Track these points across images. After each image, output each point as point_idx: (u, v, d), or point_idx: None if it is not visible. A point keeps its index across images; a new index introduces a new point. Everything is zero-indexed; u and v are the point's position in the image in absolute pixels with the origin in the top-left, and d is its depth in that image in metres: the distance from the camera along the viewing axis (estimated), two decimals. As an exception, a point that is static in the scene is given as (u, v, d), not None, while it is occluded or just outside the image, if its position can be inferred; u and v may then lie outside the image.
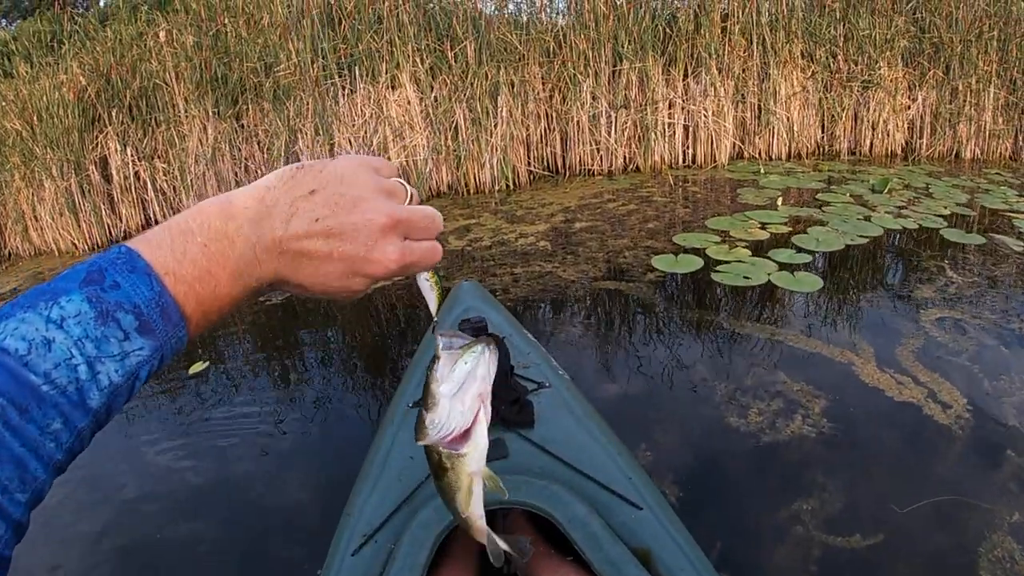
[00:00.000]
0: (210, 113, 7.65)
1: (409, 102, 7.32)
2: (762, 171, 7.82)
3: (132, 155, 7.78)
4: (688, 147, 8.32)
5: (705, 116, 8.09)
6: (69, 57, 8.35)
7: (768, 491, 2.62)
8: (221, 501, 2.87)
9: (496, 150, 7.55)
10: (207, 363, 3.90)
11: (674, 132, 8.16)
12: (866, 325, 3.89)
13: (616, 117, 7.93)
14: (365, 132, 7.16)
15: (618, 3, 7.82)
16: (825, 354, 3.54)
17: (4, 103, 8.01)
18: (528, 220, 6.34)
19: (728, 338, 3.81)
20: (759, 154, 8.51)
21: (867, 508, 2.50)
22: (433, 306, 0.78)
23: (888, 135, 8.75)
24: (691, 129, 8.23)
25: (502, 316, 2.50)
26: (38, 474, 0.52)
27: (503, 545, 1.01)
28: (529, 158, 7.99)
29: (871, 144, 8.78)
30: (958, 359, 3.47)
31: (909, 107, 8.70)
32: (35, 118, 7.71)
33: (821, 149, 8.78)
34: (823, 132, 8.76)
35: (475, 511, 0.90)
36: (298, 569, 2.39)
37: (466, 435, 0.78)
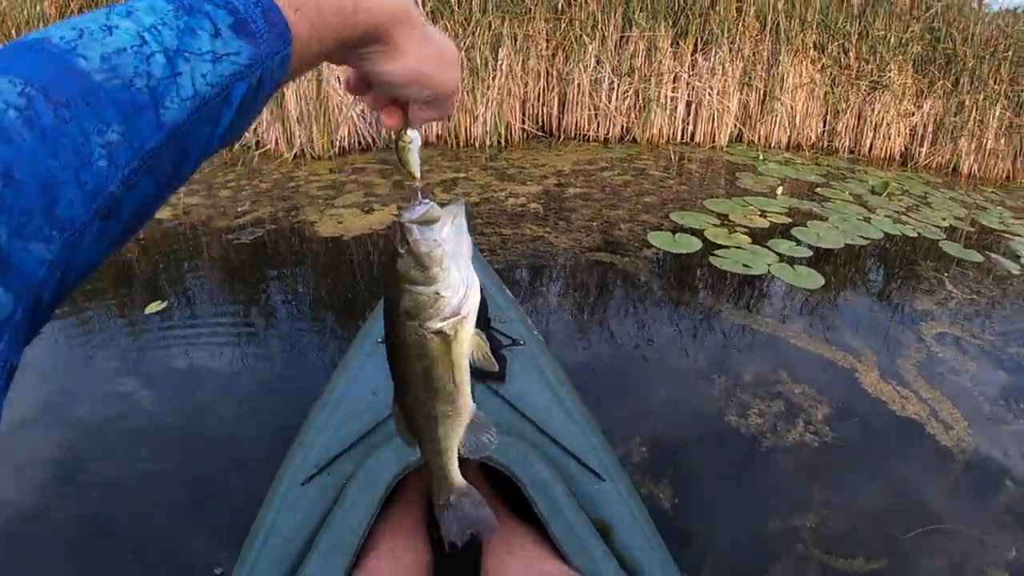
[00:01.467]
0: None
1: (405, 44, 6.97)
2: (761, 157, 7.67)
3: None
4: (689, 124, 8.12)
5: (710, 94, 7.87)
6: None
7: (768, 502, 2.44)
8: (175, 430, 2.69)
9: (492, 104, 7.23)
10: (166, 303, 3.61)
11: (676, 107, 7.94)
12: (868, 331, 3.73)
13: (619, 84, 7.67)
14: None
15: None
16: (828, 357, 3.37)
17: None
18: (519, 180, 6.08)
19: (727, 327, 3.62)
20: (759, 140, 8.35)
21: (869, 529, 2.36)
22: (417, 168, 0.75)
23: (889, 139, 8.64)
24: (694, 106, 8.02)
25: (482, 268, 2.41)
26: (75, 212, 0.38)
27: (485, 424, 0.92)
28: (524, 116, 7.68)
29: (871, 145, 8.67)
30: (959, 379, 3.37)
31: (913, 113, 8.59)
32: (14, 32, 7.20)
33: (820, 143, 8.66)
34: (825, 126, 8.62)
35: (468, 384, 0.85)
36: (245, 495, 2.19)
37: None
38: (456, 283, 0.74)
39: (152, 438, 2.62)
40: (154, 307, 3.56)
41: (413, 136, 0.73)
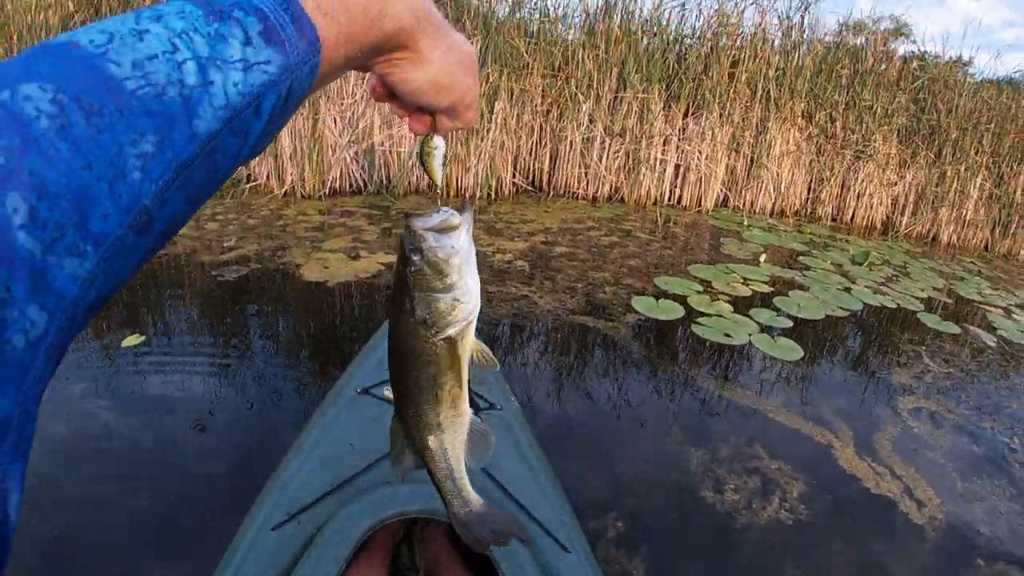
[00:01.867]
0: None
1: (403, 90, 7.05)
2: (745, 223, 7.77)
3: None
4: (676, 187, 8.23)
5: (698, 158, 8.00)
6: (64, -22, 7.97)
7: (741, 579, 2.44)
8: (144, 463, 2.70)
9: (484, 156, 7.32)
10: (144, 337, 3.62)
11: (665, 169, 8.05)
12: (844, 405, 3.77)
13: (610, 144, 7.78)
14: (353, 113, 6.87)
15: (632, 29, 7.70)
16: (804, 432, 3.40)
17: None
18: (507, 235, 6.14)
19: (706, 399, 3.65)
20: (744, 205, 8.46)
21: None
22: (439, 175, 0.76)
23: (871, 208, 8.77)
24: (682, 169, 8.13)
25: None
26: (109, 226, 0.36)
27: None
28: (515, 170, 7.77)
29: (853, 214, 8.80)
30: (933, 454, 3.41)
31: (896, 183, 8.73)
32: (15, 37, 7.33)
33: (804, 211, 8.77)
34: (809, 194, 8.75)
35: (467, 387, 0.86)
36: (211, 534, 2.24)
37: None
38: (472, 289, 0.74)
39: (119, 469, 2.63)
40: (132, 340, 3.57)
41: (438, 143, 0.73)
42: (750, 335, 4.45)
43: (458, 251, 0.72)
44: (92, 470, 2.63)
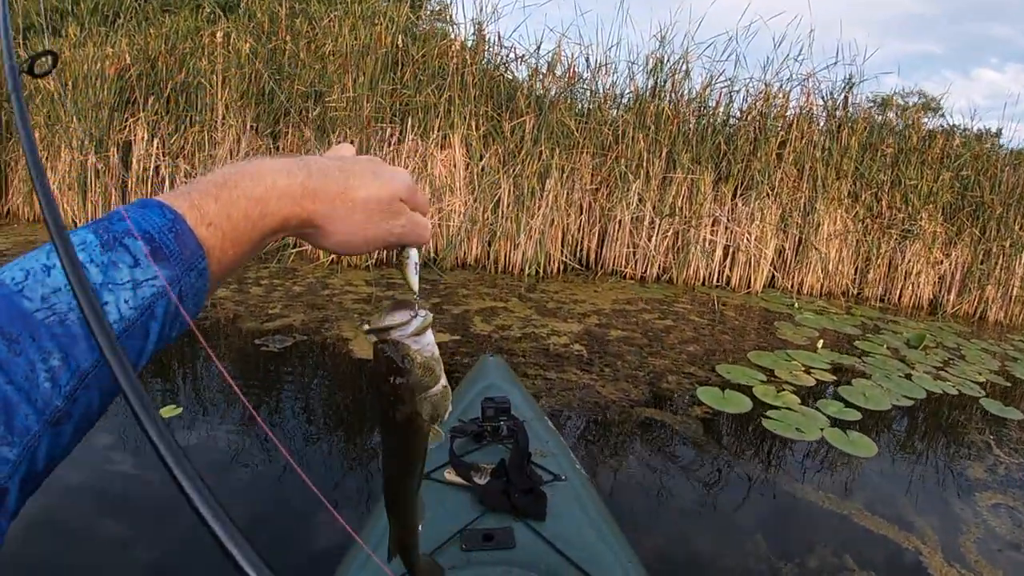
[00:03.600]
0: (248, 126, 7.55)
1: (455, 165, 7.19)
2: (796, 306, 7.75)
3: (158, 147, 7.67)
4: (725, 268, 8.24)
5: (747, 239, 8.03)
6: (121, 33, 8.30)
7: None
8: (176, 554, 2.61)
9: (534, 233, 7.40)
10: (181, 409, 3.57)
11: (714, 250, 8.08)
12: (925, 504, 3.69)
13: (659, 224, 7.85)
14: (402, 185, 6.98)
15: (681, 111, 7.83)
16: (891, 537, 3.31)
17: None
18: (560, 316, 6.15)
19: (789, 503, 3.55)
20: (792, 286, 8.45)
21: None
22: (415, 282, 0.78)
23: (918, 287, 8.72)
24: (731, 250, 8.16)
25: (525, 398, 2.44)
26: (30, 423, 0.46)
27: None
28: (563, 248, 7.84)
29: (900, 293, 8.76)
30: (1017, 554, 3.32)
31: (942, 262, 8.70)
32: (71, 84, 7.65)
33: (851, 291, 8.75)
34: (856, 274, 8.74)
35: None
36: None
37: None
38: (444, 380, 0.76)
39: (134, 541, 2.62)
40: (167, 412, 3.53)
41: (410, 253, 0.77)
42: (822, 429, 4.36)
43: (435, 346, 0.75)
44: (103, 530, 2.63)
